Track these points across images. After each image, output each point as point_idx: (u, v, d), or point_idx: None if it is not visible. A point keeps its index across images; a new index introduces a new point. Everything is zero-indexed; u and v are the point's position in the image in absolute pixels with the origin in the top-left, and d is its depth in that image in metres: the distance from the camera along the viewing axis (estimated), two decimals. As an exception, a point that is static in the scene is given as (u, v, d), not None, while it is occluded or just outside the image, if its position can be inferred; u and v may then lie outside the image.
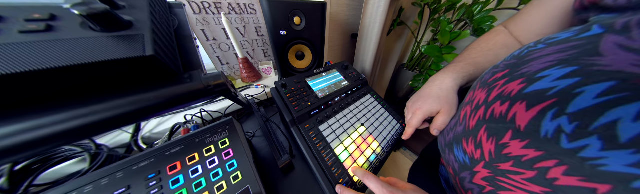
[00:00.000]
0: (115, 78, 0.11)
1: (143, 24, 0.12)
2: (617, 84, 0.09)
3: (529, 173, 0.12)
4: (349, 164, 0.23)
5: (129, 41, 0.10)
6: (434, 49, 0.47)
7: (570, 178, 0.10)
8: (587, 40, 0.12)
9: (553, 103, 0.11)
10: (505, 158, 0.14)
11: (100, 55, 0.09)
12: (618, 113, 0.09)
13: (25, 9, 0.10)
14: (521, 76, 0.14)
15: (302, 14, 0.31)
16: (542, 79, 0.12)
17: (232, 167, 0.18)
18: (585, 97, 0.10)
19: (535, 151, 0.12)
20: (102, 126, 0.11)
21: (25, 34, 0.09)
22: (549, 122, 0.11)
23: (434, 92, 0.24)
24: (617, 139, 0.09)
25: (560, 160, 0.11)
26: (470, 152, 0.17)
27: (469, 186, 0.18)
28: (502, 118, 0.14)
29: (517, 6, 0.39)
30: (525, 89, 0.13)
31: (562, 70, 0.11)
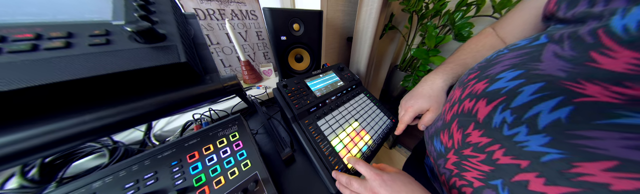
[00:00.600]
0: (155, 81, 0.13)
1: (174, 36, 0.14)
2: (545, 85, 0.12)
3: (482, 156, 0.15)
4: (343, 154, 0.27)
5: (166, 51, 0.13)
6: (422, 51, 0.51)
7: (506, 158, 0.14)
8: (535, 48, 0.14)
9: (503, 100, 0.14)
10: (467, 145, 0.17)
11: (147, 62, 0.12)
12: (540, 107, 0.12)
13: (86, 26, 0.12)
14: (486, 76, 0.17)
15: (300, 21, 0.34)
16: (500, 80, 0.15)
17: (242, 156, 0.21)
18: (523, 95, 0.13)
19: (487, 138, 0.15)
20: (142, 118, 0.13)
21: (93, 47, 0.11)
22: (498, 115, 0.14)
23: (425, 92, 0.26)
24: (537, 126, 0.12)
25: (501, 144, 0.14)
26: (445, 142, 0.20)
27: (443, 171, 0.21)
28: (469, 112, 0.17)
29: (492, 14, 0.44)
30: (487, 88, 0.16)
31: (513, 73, 0.14)
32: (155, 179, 0.17)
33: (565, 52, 0.12)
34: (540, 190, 0.12)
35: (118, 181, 0.17)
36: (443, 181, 0.21)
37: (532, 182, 0.12)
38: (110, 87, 0.12)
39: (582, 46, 0.11)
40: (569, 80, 0.11)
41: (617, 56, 0.10)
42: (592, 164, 0.10)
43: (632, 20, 0.09)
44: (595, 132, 0.10)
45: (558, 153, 0.11)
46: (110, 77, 0.11)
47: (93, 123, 0.11)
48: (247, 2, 0.43)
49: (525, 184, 0.12)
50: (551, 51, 0.13)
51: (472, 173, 0.16)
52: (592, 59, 0.11)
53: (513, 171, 0.13)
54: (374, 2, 0.42)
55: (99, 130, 0.12)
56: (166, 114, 0.14)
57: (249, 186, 0.19)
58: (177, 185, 0.17)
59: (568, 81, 0.11)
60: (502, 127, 0.14)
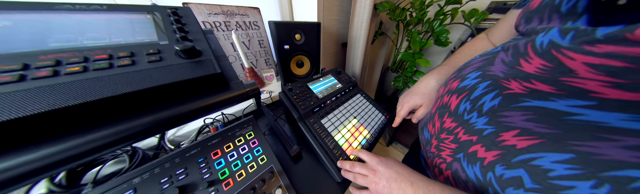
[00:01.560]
0: (198, 88, 0.17)
1: (207, 52, 0.18)
2: (491, 82, 0.17)
3: (451, 137, 0.20)
4: (346, 147, 0.30)
5: (204, 64, 0.17)
6: (408, 55, 0.57)
7: (465, 136, 0.18)
8: (492, 55, 0.19)
9: (466, 94, 0.19)
10: (443, 130, 0.21)
11: (193, 73, 0.15)
12: (485, 98, 0.17)
13: (141, 47, 0.16)
14: (460, 76, 0.22)
15: (301, 32, 0.38)
16: (467, 79, 0.20)
17: (258, 152, 0.24)
18: (478, 90, 0.18)
19: (454, 123, 0.20)
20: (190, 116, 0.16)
21: (151, 63, 0.15)
22: (462, 105, 0.19)
23: (420, 90, 0.30)
24: (482, 111, 0.17)
25: (462, 126, 0.18)
26: (430, 130, 0.24)
27: (428, 154, 0.25)
28: (446, 105, 0.22)
29: (464, 22, 0.51)
30: (459, 86, 0.21)
31: (475, 73, 0.19)
32: (186, 174, 0.20)
33: (507, 58, 0.17)
34: (483, 156, 0.16)
35: (154, 177, 0.19)
36: (429, 163, 0.25)
37: (479, 151, 0.16)
38: (163, 95, 0.15)
39: (517, 54, 0.15)
40: (504, 79, 0.16)
41: (532, 62, 0.14)
42: (508, 133, 0.14)
43: (547, 38, 0.13)
44: (509, 113, 0.14)
45: (491, 128, 0.15)
46: (167, 87, 0.14)
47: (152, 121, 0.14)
48: (250, 14, 0.48)
49: (475, 153, 0.17)
50: (500, 57, 0.18)
51: (446, 152, 0.20)
52: (519, 63, 0.15)
53: (468, 145, 0.18)
54: (364, 13, 0.48)
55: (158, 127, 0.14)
56: (207, 113, 0.18)
57: (266, 177, 0.22)
58: (205, 179, 0.20)
59: (503, 80, 0.16)
60: (464, 114, 0.18)
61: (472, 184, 0.17)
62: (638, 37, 0.08)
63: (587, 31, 0.11)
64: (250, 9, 0.48)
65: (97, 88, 0.12)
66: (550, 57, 0.12)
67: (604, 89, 0.10)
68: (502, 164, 0.14)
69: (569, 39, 0.11)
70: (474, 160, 0.17)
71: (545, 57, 0.13)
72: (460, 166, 0.18)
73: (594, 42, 0.10)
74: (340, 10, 0.57)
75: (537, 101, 0.13)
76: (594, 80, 0.10)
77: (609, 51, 0.10)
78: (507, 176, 0.14)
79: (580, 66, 0.11)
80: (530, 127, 0.13)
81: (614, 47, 0.09)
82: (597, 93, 0.10)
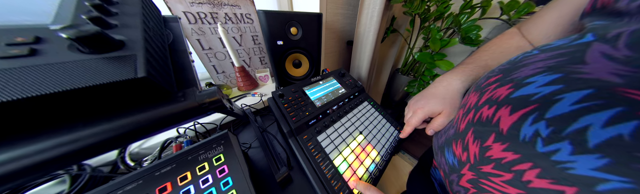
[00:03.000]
0: (105, 102, 0.10)
1: (135, 44, 0.11)
2: (594, 92, 0.10)
3: (507, 175, 0.13)
4: (348, 175, 0.23)
5: (120, 63, 0.10)
6: (426, 55, 0.49)
7: (542, 180, 0.11)
8: (576, 48, 0.12)
9: (534, 108, 0.12)
10: (487, 160, 0.14)
11: (89, 79, 0.09)
12: (589, 119, 0.09)
13: (7, 32, 0.09)
14: (511, 81, 0.14)
15: (298, 25, 0.31)
16: (529, 84, 0.13)
17: (226, 185, 0.17)
18: (563, 103, 0.10)
19: (513, 153, 0.12)
20: (89, 153, 0.10)
21: (6, 60, 0.08)
22: (529, 126, 0.12)
23: (439, 93, 0.23)
24: (586, 144, 0.09)
25: (534, 163, 0.11)
26: (459, 154, 0.17)
27: (456, 188, 0.17)
28: (488, 121, 0.14)
29: (500, 16, 0.42)
30: (512, 94, 0.13)
31: (548, 77, 0.12)
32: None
33: (618, 52, 0.10)
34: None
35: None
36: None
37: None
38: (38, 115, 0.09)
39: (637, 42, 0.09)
40: (628, 87, 0.09)
41: None
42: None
43: None
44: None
45: (622, 182, 0.08)
46: (28, 103, 0.08)
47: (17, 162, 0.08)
48: (241, 5, 0.41)
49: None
50: (598, 50, 0.11)
51: None
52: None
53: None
54: (376, 4, 0.41)
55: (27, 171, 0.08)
56: (121, 145, 0.11)
57: (233, 227, 0.15)
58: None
59: (627, 88, 0.09)
60: (535, 142, 0.11)
61: None
62: None
63: None
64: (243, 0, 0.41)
65: None
66: None
67: None
68: None
69: None
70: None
71: None
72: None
73: None
74: (346, 3, 0.49)
75: None
76: None
77: None
78: None
79: None
80: None
81: None
82: None
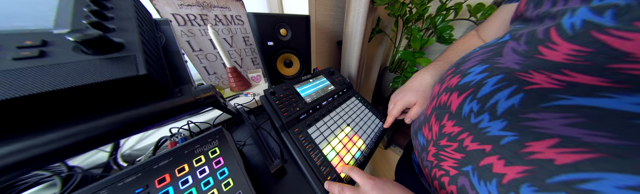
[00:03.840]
0: (111, 97, 0.11)
1: (133, 45, 0.13)
2: (503, 76, 0.13)
3: (454, 145, 0.16)
4: (336, 162, 0.25)
5: (121, 62, 0.11)
6: (408, 53, 0.53)
7: (474, 144, 0.14)
8: (498, 45, 0.16)
9: (471, 91, 0.15)
10: (443, 135, 0.17)
11: (95, 76, 0.10)
12: (499, 96, 0.13)
13: (15, 37, 0.10)
14: (459, 72, 0.18)
15: (287, 26, 0.33)
16: (470, 74, 0.16)
17: (223, 175, 0.19)
18: (487, 86, 0.14)
19: (458, 127, 0.16)
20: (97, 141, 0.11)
21: (19, 61, 0.09)
22: (467, 105, 0.15)
23: (414, 86, 0.27)
24: (496, 113, 0.13)
25: (469, 132, 0.15)
26: (426, 135, 0.20)
27: (425, 163, 0.21)
28: (444, 105, 0.18)
29: (469, 17, 0.46)
30: (459, 82, 0.17)
31: (480, 67, 0.16)
32: (114, 212, 0.15)
33: (520, 47, 0.14)
34: (502, 171, 0.12)
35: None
36: (426, 174, 0.21)
37: (495, 164, 0.13)
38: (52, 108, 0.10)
39: (534, 42, 0.13)
40: (521, 71, 0.12)
41: (558, 48, 0.11)
42: (540, 142, 0.11)
43: (578, 18, 0.10)
44: (540, 115, 0.11)
45: (513, 135, 0.12)
46: (45, 97, 0.09)
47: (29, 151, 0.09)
48: (231, 7, 0.42)
49: (490, 167, 0.13)
50: (510, 47, 0.14)
51: (448, 162, 0.17)
52: (539, 51, 0.12)
53: (480, 156, 0.14)
54: (361, 7, 0.43)
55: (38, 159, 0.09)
56: (127, 134, 0.12)
57: (231, 210, 0.17)
58: (141, 217, 0.15)
59: (521, 72, 0.12)
60: (470, 116, 0.15)
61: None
62: None
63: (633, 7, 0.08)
64: (232, 1, 0.42)
65: None
66: (588, 39, 0.10)
67: None
68: (531, 185, 0.11)
69: (610, 18, 0.09)
70: (489, 176, 0.13)
71: (578, 41, 0.10)
72: (469, 181, 0.15)
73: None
74: (335, 5, 0.52)
75: (580, 98, 0.10)
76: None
77: None
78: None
79: None
80: (577, 135, 0.10)
81: None
82: None
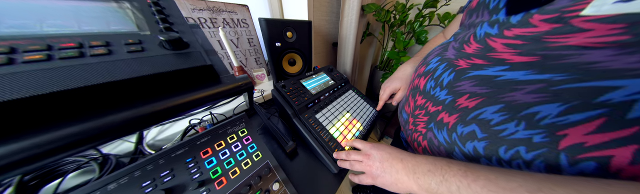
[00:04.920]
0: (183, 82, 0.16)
1: (196, 44, 0.17)
2: (447, 63, 0.21)
3: (423, 112, 0.23)
4: (340, 139, 0.31)
5: (192, 56, 0.16)
6: (394, 53, 0.61)
7: (434, 108, 0.21)
8: (447, 44, 0.24)
9: (431, 75, 0.23)
10: (416, 107, 0.25)
11: (180, 65, 0.15)
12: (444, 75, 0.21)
13: (118, 37, 0.14)
14: (426, 62, 0.26)
15: (293, 30, 0.39)
16: (430, 63, 0.24)
17: (252, 149, 0.23)
18: (439, 70, 0.22)
19: (424, 99, 0.23)
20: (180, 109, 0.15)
21: (131, 53, 0.14)
22: (428, 83, 0.23)
23: (399, 76, 0.36)
24: (443, 85, 0.20)
25: (430, 100, 0.22)
26: (407, 110, 0.27)
27: (408, 132, 0.27)
28: (416, 86, 0.26)
29: (439, 23, 0.56)
30: (425, 70, 0.25)
31: (436, 58, 0.24)
32: (172, 176, 0.18)
33: (455, 44, 0.22)
34: (448, 120, 0.19)
35: (134, 181, 0.17)
36: (410, 141, 0.28)
37: (444, 117, 0.19)
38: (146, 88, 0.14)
39: (462, 41, 0.20)
40: (454, 59, 0.20)
41: (471, 46, 0.19)
42: (462, 98, 0.18)
43: (483, 31, 0.17)
44: (461, 83, 0.18)
45: (450, 97, 0.19)
46: (151, 79, 0.13)
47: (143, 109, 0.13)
48: (238, 11, 0.47)
49: (442, 119, 0.20)
50: (451, 45, 0.22)
51: (421, 125, 0.24)
52: (463, 47, 0.20)
53: (436, 114, 0.21)
54: (353, 14, 0.50)
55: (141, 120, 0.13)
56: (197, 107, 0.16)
57: (262, 172, 0.21)
58: (195, 179, 0.19)
59: (454, 60, 0.20)
60: (430, 91, 0.22)
61: (443, 148, 0.20)
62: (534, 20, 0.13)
63: (505, 21, 0.15)
64: (239, 6, 0.46)
65: (61, 78, 0.10)
66: (483, 42, 0.17)
67: (512, 57, 0.15)
68: (461, 124, 0.17)
69: (496, 29, 0.16)
70: (442, 126, 0.20)
71: (480, 43, 0.18)
72: (433, 133, 0.21)
73: (510, 27, 0.15)
74: (330, 11, 0.59)
75: (476, 71, 0.17)
76: (506, 52, 0.15)
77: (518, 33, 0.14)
78: (465, 133, 0.17)
79: (498, 45, 0.16)
80: (475, 90, 0.17)
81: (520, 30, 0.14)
82: (508, 60, 0.15)
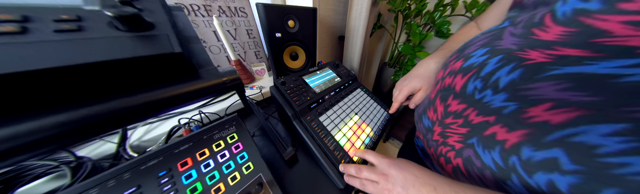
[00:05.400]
0: (142, 75, 0.12)
1: (164, 25, 0.13)
2: (504, 56, 0.15)
3: (460, 121, 0.18)
4: (348, 147, 0.26)
5: (155, 40, 0.12)
6: (408, 48, 0.55)
7: (479, 117, 0.16)
8: (497, 31, 0.18)
9: (475, 72, 0.17)
10: (448, 114, 0.19)
11: (132, 51, 0.10)
12: (500, 73, 0.15)
13: (50, 11, 0.10)
14: (462, 56, 0.20)
15: (295, 18, 0.33)
16: (472, 57, 0.18)
17: (243, 158, 0.20)
18: (489, 66, 0.16)
19: (463, 104, 0.17)
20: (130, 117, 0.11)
21: (60, 33, 0.09)
22: (471, 83, 0.17)
23: (419, 73, 0.29)
24: (498, 87, 0.15)
25: (474, 107, 0.16)
26: (431, 117, 0.22)
27: (431, 143, 0.22)
28: (449, 87, 0.20)
29: (464, 13, 0.49)
30: (463, 65, 0.19)
31: (481, 50, 0.18)
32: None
33: (516, 30, 0.16)
34: (504, 138, 0.14)
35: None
36: (432, 153, 0.23)
37: (498, 133, 0.14)
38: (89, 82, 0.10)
39: (529, 26, 0.15)
40: (518, 50, 0.15)
41: (550, 30, 0.13)
42: (537, 107, 0.13)
43: (568, 7, 0.12)
44: (536, 84, 0.13)
45: (514, 105, 0.14)
46: (84, 69, 0.09)
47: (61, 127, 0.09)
48: (235, -2, 0.42)
49: (494, 135, 0.15)
50: (508, 31, 0.17)
51: (454, 138, 0.18)
52: (533, 33, 0.14)
53: (484, 127, 0.15)
54: (364, 1, 0.44)
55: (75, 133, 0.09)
56: (159, 112, 0.13)
57: (253, 190, 0.17)
58: (167, 198, 0.15)
59: (518, 51, 0.15)
60: (474, 93, 0.17)
61: (489, 172, 0.15)
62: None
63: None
64: (236, -7, 0.41)
65: None
66: (576, 23, 0.12)
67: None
68: (530, 146, 0.13)
69: (597, 3, 0.11)
70: (492, 144, 0.15)
71: (567, 25, 0.12)
72: (473, 152, 0.16)
73: None
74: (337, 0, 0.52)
75: (568, 67, 0.12)
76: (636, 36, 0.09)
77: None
78: (537, 159, 0.12)
79: (615, 25, 0.10)
80: (566, 97, 0.11)
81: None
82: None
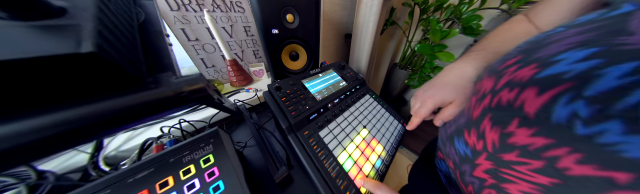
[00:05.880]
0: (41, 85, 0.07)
1: (83, 12, 0.09)
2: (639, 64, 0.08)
3: (536, 163, 0.11)
4: (354, 173, 0.21)
5: (57, 33, 0.07)
6: (427, 47, 0.48)
7: (584, 167, 0.09)
8: (613, 20, 0.10)
9: (569, 87, 0.10)
10: (510, 147, 0.13)
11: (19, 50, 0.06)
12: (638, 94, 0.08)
13: None
14: (535, 60, 0.13)
15: (295, 11, 0.29)
16: (558, 62, 0.11)
17: (217, 190, 0.15)
18: (605, 79, 0.09)
19: (545, 138, 0.11)
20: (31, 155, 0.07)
21: None
22: (563, 107, 0.10)
23: (451, 81, 0.21)
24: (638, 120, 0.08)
25: (573, 147, 0.10)
26: (472, 143, 0.16)
27: (469, 179, 0.16)
28: (509, 106, 0.13)
29: (499, 5, 0.41)
30: (538, 74, 0.12)
31: (581, 52, 0.10)
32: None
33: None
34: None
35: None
36: (464, 189, 0.17)
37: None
38: None
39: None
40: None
41: None
42: None
43: None
44: None
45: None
46: None
47: None
48: (230, -9, 0.38)
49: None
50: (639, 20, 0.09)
51: (520, 186, 0.12)
52: None
53: (600, 186, 0.09)
54: (376, -7, 0.38)
55: None
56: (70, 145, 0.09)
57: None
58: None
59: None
60: (574, 124, 0.10)
61: None
62: None
63: None
64: (231, -15, 0.37)
65: None
66: None
67: None
68: None
69: None
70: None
71: None
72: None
73: None
74: (345, -8, 0.47)
75: None
76: None
77: None
78: None
79: None
80: None
81: None
82: None
